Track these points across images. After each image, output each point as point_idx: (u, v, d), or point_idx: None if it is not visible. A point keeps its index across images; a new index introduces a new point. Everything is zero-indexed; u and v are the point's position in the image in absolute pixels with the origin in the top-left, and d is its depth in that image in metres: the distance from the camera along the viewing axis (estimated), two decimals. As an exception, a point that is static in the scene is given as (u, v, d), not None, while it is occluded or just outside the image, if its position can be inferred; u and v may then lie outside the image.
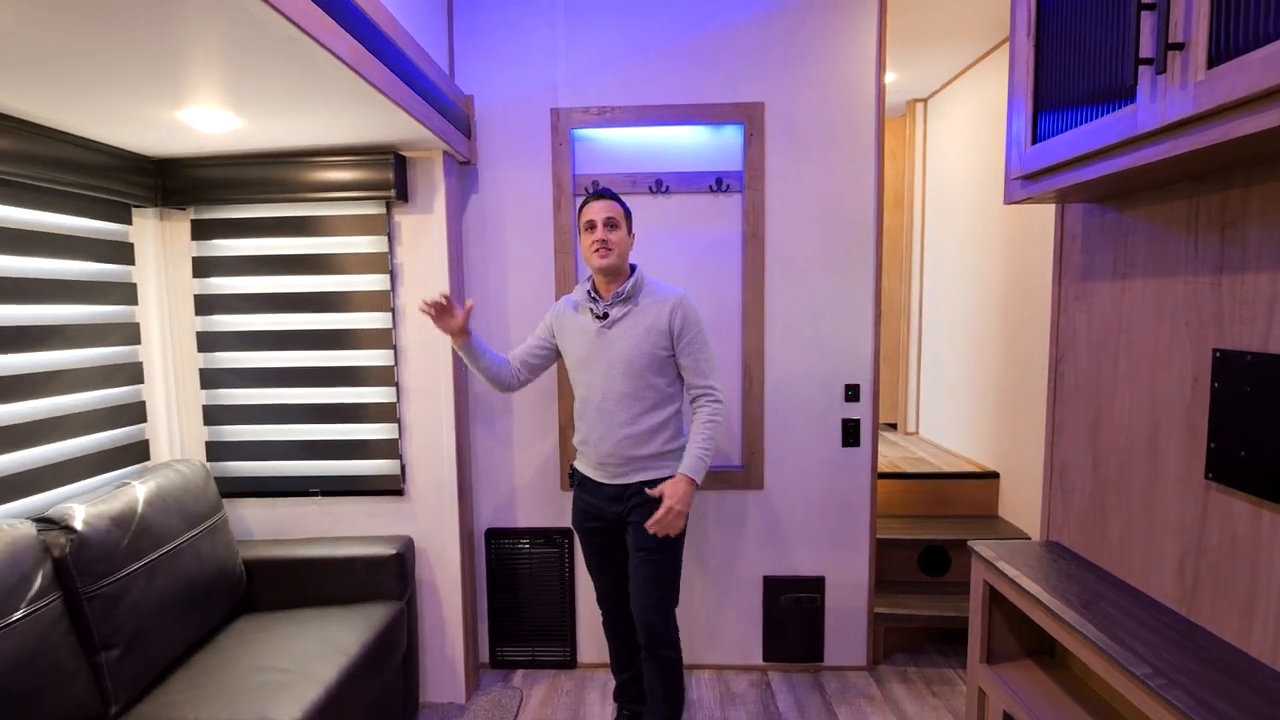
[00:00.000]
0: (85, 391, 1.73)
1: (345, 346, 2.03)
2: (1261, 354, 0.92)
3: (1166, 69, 0.83)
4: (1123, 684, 0.97)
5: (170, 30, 1.08)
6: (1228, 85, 0.76)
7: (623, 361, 1.69)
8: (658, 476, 1.71)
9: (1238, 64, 0.74)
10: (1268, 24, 0.71)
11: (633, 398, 1.69)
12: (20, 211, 1.57)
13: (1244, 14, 0.74)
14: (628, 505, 1.73)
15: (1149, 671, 0.92)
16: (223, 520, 1.83)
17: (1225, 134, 0.78)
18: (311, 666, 1.51)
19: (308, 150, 1.91)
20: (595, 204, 1.72)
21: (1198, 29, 0.80)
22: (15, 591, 1.21)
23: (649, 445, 1.71)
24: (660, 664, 1.73)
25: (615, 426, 1.70)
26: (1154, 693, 0.90)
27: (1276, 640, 0.92)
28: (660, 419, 1.71)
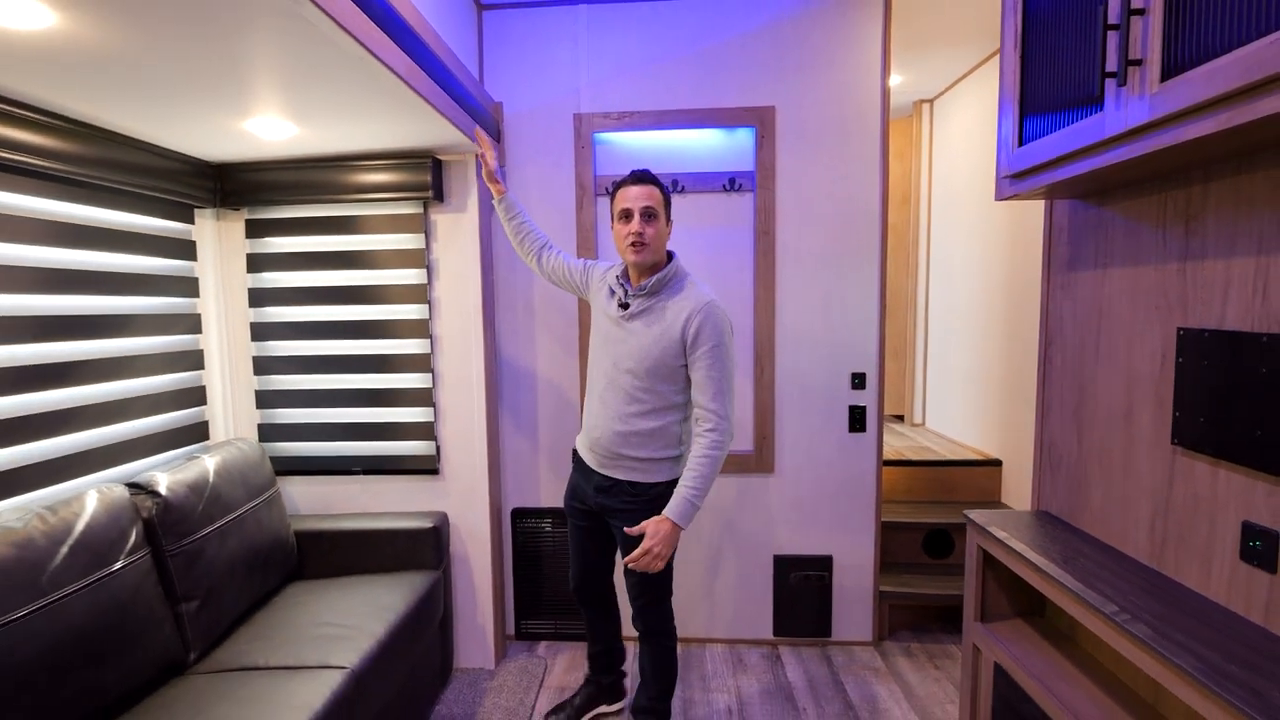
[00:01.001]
0: (154, 376, 1.90)
1: (385, 336, 2.19)
2: (1218, 331, 1.05)
3: (1127, 81, 0.96)
4: (1096, 624, 1.10)
5: (250, 51, 1.24)
6: (1176, 96, 0.89)
7: (631, 359, 1.61)
8: (643, 480, 1.65)
9: (1183, 79, 0.87)
10: (1209, 43, 0.84)
11: (633, 398, 1.61)
12: (98, 211, 1.74)
13: (1191, 34, 0.87)
14: (610, 504, 1.69)
15: (1115, 610, 1.05)
16: (276, 494, 2.00)
17: (1176, 138, 0.91)
18: (363, 623, 1.67)
19: (353, 155, 2.07)
20: (633, 189, 1.58)
21: (1153, 47, 0.93)
22: (115, 544, 1.37)
23: (641, 449, 1.62)
24: (655, 648, 1.79)
25: (612, 419, 1.63)
26: (1120, 628, 1.03)
27: (1230, 583, 1.05)
28: (658, 425, 1.62)
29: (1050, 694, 1.24)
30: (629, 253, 1.59)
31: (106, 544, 1.36)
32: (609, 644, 2.02)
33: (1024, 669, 1.33)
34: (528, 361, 2.45)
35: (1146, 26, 0.93)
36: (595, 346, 1.73)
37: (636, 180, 1.60)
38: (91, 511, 1.38)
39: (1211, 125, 0.84)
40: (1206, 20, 0.84)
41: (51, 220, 1.59)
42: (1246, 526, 1.00)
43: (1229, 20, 0.81)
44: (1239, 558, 1.02)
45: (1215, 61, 0.82)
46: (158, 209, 1.93)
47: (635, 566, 1.54)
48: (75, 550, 1.29)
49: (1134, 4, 0.94)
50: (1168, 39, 0.90)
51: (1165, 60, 0.91)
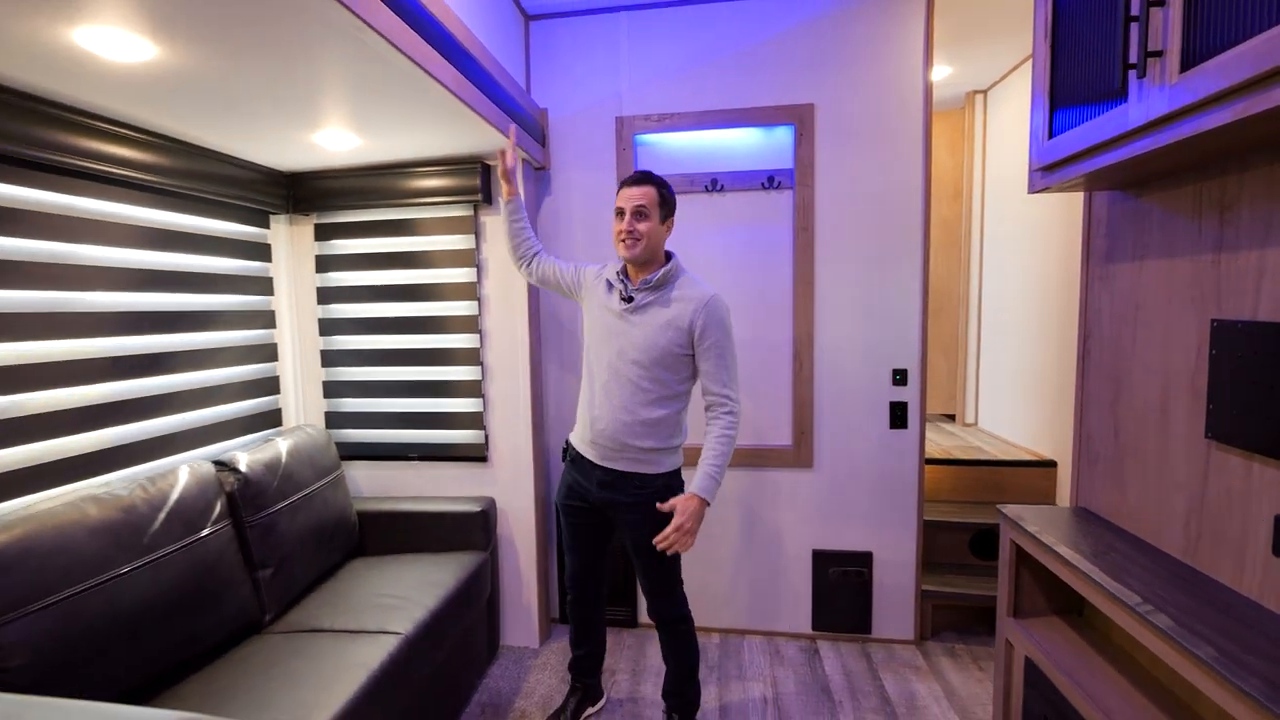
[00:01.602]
0: (235, 366, 2.10)
1: (438, 331, 2.34)
2: (1250, 322, 1.03)
3: (1146, 73, 0.96)
4: (1121, 616, 1.10)
5: (318, 72, 1.37)
6: (1194, 87, 0.89)
7: (636, 349, 1.65)
8: (649, 472, 1.69)
9: (1200, 70, 0.87)
10: (1226, 34, 0.84)
11: (638, 387, 1.65)
12: (187, 218, 1.94)
13: (1209, 25, 0.87)
14: (616, 498, 1.72)
15: (1139, 601, 1.05)
16: (341, 476, 2.17)
17: (1195, 129, 0.91)
18: (417, 595, 1.80)
19: (409, 162, 2.22)
20: (628, 190, 1.66)
21: (1173, 38, 0.93)
22: (204, 513, 1.55)
23: (647, 438, 1.67)
24: (674, 634, 1.83)
25: (618, 410, 1.67)
26: (1142, 618, 1.03)
27: (1263, 578, 1.03)
28: (662, 414, 1.67)
29: (1079, 688, 1.24)
30: (620, 247, 1.67)
31: (196, 513, 1.54)
32: (594, 647, 2.02)
33: (1055, 664, 1.33)
34: (571, 356, 2.55)
35: (1166, 18, 0.94)
36: (595, 342, 1.76)
37: (634, 181, 1.68)
38: (184, 484, 1.56)
39: (1228, 115, 0.84)
40: (1223, 11, 0.84)
41: (147, 226, 1.79)
42: (1279, 520, 0.99)
43: (1244, 10, 0.81)
44: (1271, 552, 1.01)
45: (1228, 53, 0.82)
46: (238, 215, 2.13)
47: (666, 545, 1.56)
48: (171, 517, 1.47)
49: None
50: (1187, 30, 0.90)
51: (1184, 51, 0.91)
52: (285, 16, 1.12)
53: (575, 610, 1.98)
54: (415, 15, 1.32)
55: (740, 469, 2.50)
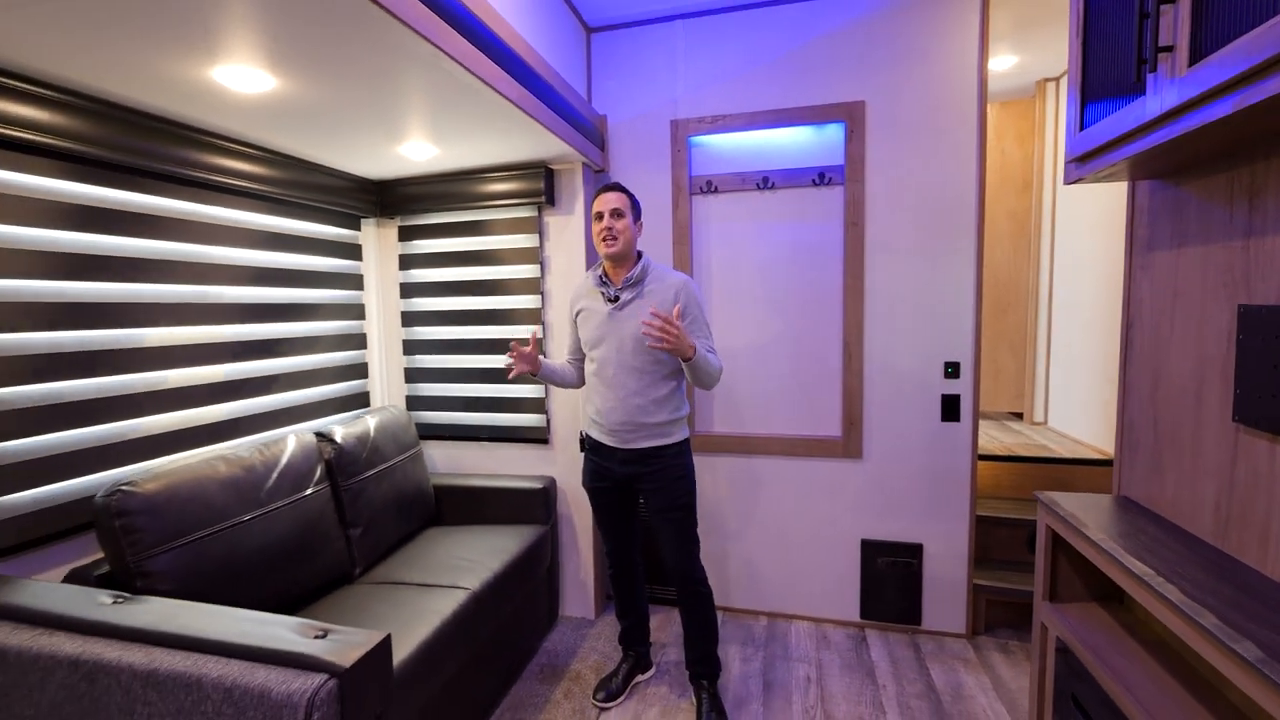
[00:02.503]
0: (331, 353, 2.38)
1: (505, 323, 2.54)
2: (1275, 306, 1.05)
3: (1157, 67, 1.01)
4: (1138, 591, 1.13)
5: (403, 93, 1.58)
6: (1200, 80, 0.93)
7: (632, 339, 1.83)
8: (663, 443, 1.89)
9: (1205, 63, 0.92)
10: (1227, 31, 0.89)
11: (640, 372, 1.85)
12: (292, 222, 2.22)
13: (1214, 22, 0.92)
14: (639, 470, 1.90)
15: (1151, 574, 1.09)
16: (419, 453, 2.41)
17: (1203, 120, 0.95)
18: (484, 559, 2.00)
19: (480, 168, 2.44)
20: (604, 195, 1.86)
21: (1182, 33, 0.97)
22: (307, 476, 1.81)
23: (656, 414, 1.86)
24: (695, 599, 1.95)
25: (626, 396, 1.85)
26: (1152, 590, 1.07)
27: (1285, 559, 1.05)
28: (665, 391, 1.87)
29: (1105, 666, 1.27)
30: (602, 245, 1.86)
31: (301, 475, 1.79)
32: (639, 618, 2.18)
33: (1083, 644, 1.36)
34: (628, 347, 2.70)
35: (1176, 14, 0.98)
36: (592, 344, 1.93)
37: (607, 189, 1.89)
38: (291, 450, 1.82)
39: (1229, 107, 0.89)
40: (1226, 7, 0.89)
41: (260, 230, 2.08)
42: (1298, 501, 1.00)
43: (1244, 7, 0.85)
44: (1292, 533, 1.02)
45: (1228, 47, 0.86)
46: (334, 219, 2.41)
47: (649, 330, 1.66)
48: (281, 477, 1.73)
49: (1164, -6, 0.99)
50: (1195, 26, 0.95)
51: (1193, 46, 0.95)
52: (377, 49, 1.32)
53: (617, 583, 2.14)
54: (485, 40, 1.50)
55: (789, 458, 2.58)
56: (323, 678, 0.89)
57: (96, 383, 1.57)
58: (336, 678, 0.90)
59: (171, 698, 0.91)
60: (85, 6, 1.10)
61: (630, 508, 2.06)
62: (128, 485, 1.41)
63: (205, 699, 0.90)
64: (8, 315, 1.39)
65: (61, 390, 1.50)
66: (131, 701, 0.93)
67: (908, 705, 2.08)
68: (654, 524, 1.95)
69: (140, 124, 1.61)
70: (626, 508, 2.05)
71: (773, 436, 2.59)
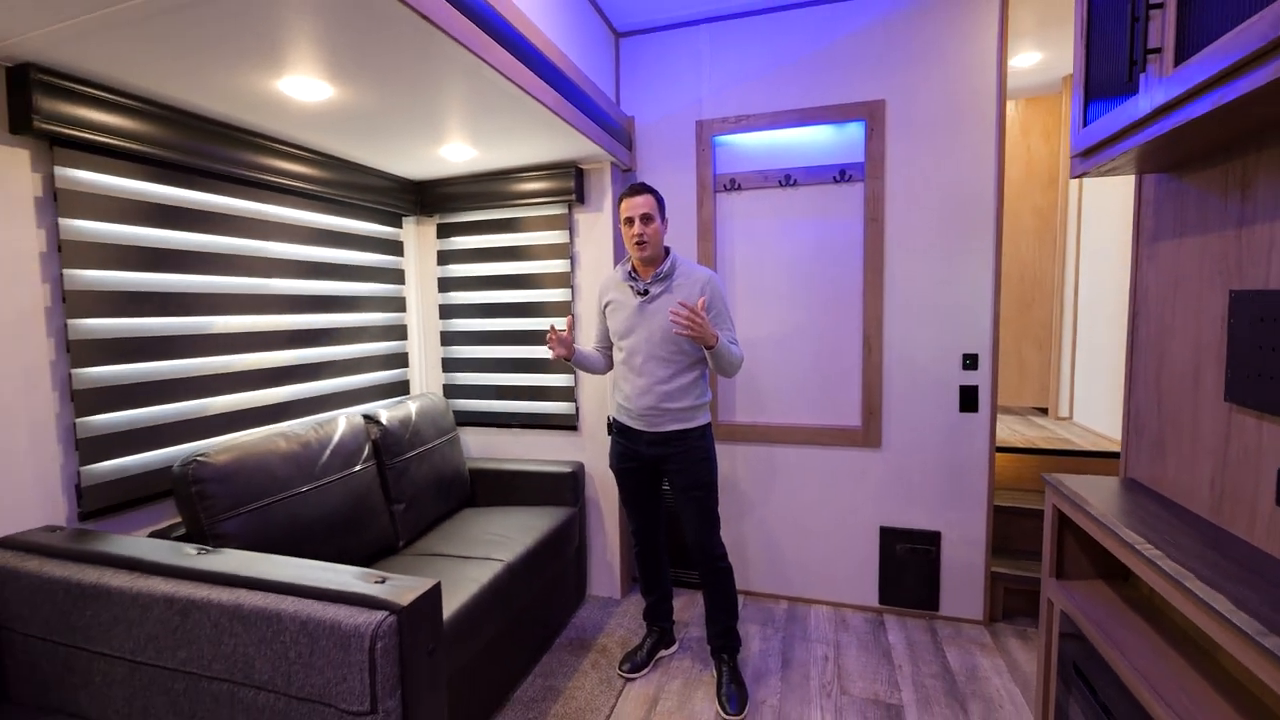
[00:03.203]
0: (375, 342, 2.54)
1: (537, 315, 2.68)
2: (1264, 291, 1.11)
3: (1146, 68, 1.08)
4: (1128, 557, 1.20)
5: (446, 99, 1.71)
6: (1183, 80, 1.00)
7: (660, 330, 1.95)
8: (687, 427, 2.00)
9: (1187, 64, 0.99)
10: (1207, 34, 0.96)
11: (667, 361, 1.96)
12: (340, 219, 2.38)
13: (1195, 25, 0.99)
14: (665, 452, 2.02)
15: (1142, 541, 1.16)
16: (456, 438, 2.56)
17: (1187, 117, 1.02)
18: (516, 535, 2.14)
19: (514, 169, 2.57)
20: (632, 200, 1.94)
21: (1168, 36, 1.04)
22: (356, 453, 1.96)
23: (681, 400, 1.98)
24: (716, 574, 2.06)
25: (654, 384, 1.97)
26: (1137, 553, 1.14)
27: (1269, 527, 1.11)
28: (689, 379, 1.99)
29: (1105, 636, 1.33)
30: (635, 250, 1.97)
31: (351, 452, 1.95)
32: (664, 594, 2.29)
33: (1085, 616, 1.42)
34: (653, 339, 2.81)
35: (1164, 18, 1.05)
36: (621, 335, 2.05)
37: (634, 192, 1.96)
38: (343, 430, 1.97)
39: (1210, 104, 0.96)
40: (1206, 12, 0.96)
41: (312, 227, 2.24)
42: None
43: (1221, 12, 0.93)
44: (1276, 503, 1.09)
45: (1207, 48, 0.94)
46: (378, 217, 2.57)
47: (676, 318, 1.78)
48: (334, 453, 1.88)
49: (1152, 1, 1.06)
50: (1180, 29, 1.02)
51: (1178, 48, 1.02)
52: (425, 59, 1.46)
53: (642, 561, 2.25)
54: (524, 51, 1.63)
55: (810, 446, 2.66)
56: (384, 614, 1.02)
57: (172, 365, 1.74)
58: (396, 614, 1.03)
59: (254, 629, 1.05)
60: (179, 30, 1.25)
61: (655, 489, 2.17)
62: (202, 456, 1.57)
63: (284, 630, 1.03)
64: (98, 303, 1.56)
65: (142, 371, 1.67)
66: (219, 633, 1.08)
67: (922, 684, 2.15)
68: (678, 502, 2.06)
69: (210, 130, 1.77)
70: (652, 488, 2.16)
71: (794, 426, 2.67)
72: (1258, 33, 0.82)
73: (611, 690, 2.10)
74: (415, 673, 1.04)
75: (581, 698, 2.04)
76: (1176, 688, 1.14)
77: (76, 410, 1.50)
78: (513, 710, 1.98)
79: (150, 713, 1.15)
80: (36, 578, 1.23)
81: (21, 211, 1.41)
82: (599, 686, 2.10)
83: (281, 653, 1.03)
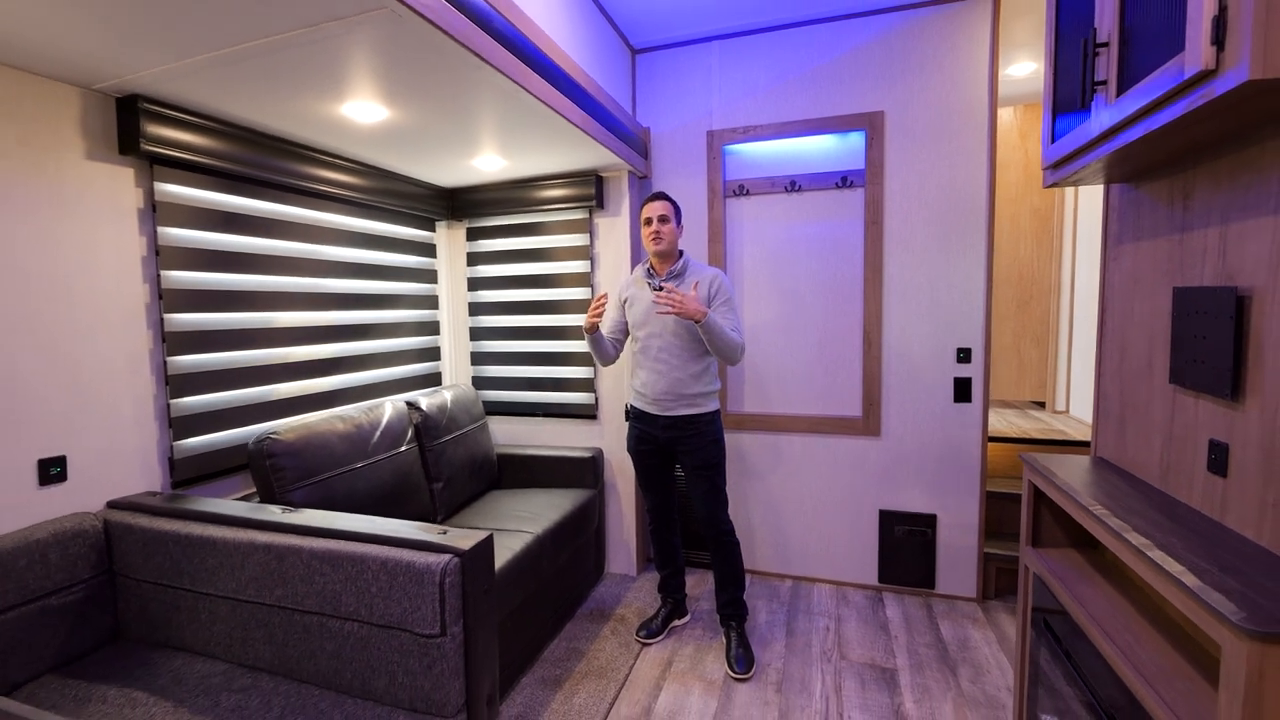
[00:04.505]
0: (412, 337, 2.76)
1: (558, 312, 2.89)
2: (1198, 287, 1.29)
3: (1094, 98, 1.27)
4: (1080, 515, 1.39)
5: (482, 117, 1.92)
6: (1121, 110, 1.19)
7: (674, 321, 2.16)
8: (698, 412, 2.20)
9: (1123, 97, 1.17)
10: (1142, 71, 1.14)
11: (679, 350, 2.17)
12: (379, 224, 2.60)
13: (1131, 64, 1.17)
14: (677, 435, 2.21)
15: (1093, 502, 1.34)
16: (485, 425, 2.77)
17: (1125, 140, 1.21)
18: (542, 512, 2.35)
19: (539, 177, 2.78)
20: (653, 204, 2.20)
21: (1111, 71, 1.23)
22: (401, 435, 2.18)
23: (693, 387, 2.19)
24: (724, 547, 2.26)
25: (668, 370, 2.18)
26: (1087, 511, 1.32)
27: (1203, 491, 1.29)
28: (700, 367, 2.19)
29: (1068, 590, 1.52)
30: (651, 244, 2.21)
31: (396, 434, 2.17)
32: (677, 568, 2.48)
33: (1054, 575, 1.60)
34: (667, 335, 3.00)
35: (1109, 55, 1.24)
36: (639, 326, 2.26)
37: (655, 199, 2.22)
38: (389, 414, 2.19)
39: (1140, 131, 1.14)
40: (1140, 54, 1.14)
41: (356, 231, 2.46)
42: (1211, 443, 1.25)
43: (1153, 55, 1.11)
44: (1207, 469, 1.27)
45: (1135, 86, 1.12)
46: (414, 222, 2.79)
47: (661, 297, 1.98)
48: (382, 435, 2.10)
49: (1098, 40, 1.25)
50: (1121, 65, 1.21)
51: (1119, 81, 1.21)
52: (470, 85, 1.67)
53: (656, 537, 2.45)
54: (554, 74, 1.83)
55: (813, 435, 2.85)
56: (450, 556, 1.23)
57: (243, 355, 1.97)
58: (459, 556, 1.24)
59: (341, 570, 1.26)
60: (266, 67, 1.47)
61: (668, 469, 2.37)
62: (274, 434, 1.79)
63: (366, 569, 1.24)
64: (186, 299, 1.79)
65: (220, 360, 1.89)
66: (311, 573, 1.29)
67: (916, 652, 2.34)
68: (689, 481, 2.26)
69: (274, 146, 1.99)
70: (665, 469, 2.36)
71: (798, 415, 2.86)
72: (1167, 79, 1.01)
73: (630, 653, 2.30)
74: (474, 605, 1.25)
75: (603, 658, 2.24)
76: (1122, 628, 1.33)
77: (170, 393, 1.72)
78: (541, 667, 2.19)
79: (249, 643, 1.36)
80: (149, 532, 1.45)
81: (128, 221, 1.64)
82: (618, 649, 2.31)
83: (365, 588, 1.24)
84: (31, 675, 1.33)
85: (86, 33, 1.27)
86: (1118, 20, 1.22)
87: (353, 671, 1.27)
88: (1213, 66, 0.92)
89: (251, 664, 1.38)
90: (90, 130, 1.57)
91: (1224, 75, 0.90)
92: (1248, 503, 1.15)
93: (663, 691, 2.10)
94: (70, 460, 1.51)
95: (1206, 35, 0.91)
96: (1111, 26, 1.24)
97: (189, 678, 1.34)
